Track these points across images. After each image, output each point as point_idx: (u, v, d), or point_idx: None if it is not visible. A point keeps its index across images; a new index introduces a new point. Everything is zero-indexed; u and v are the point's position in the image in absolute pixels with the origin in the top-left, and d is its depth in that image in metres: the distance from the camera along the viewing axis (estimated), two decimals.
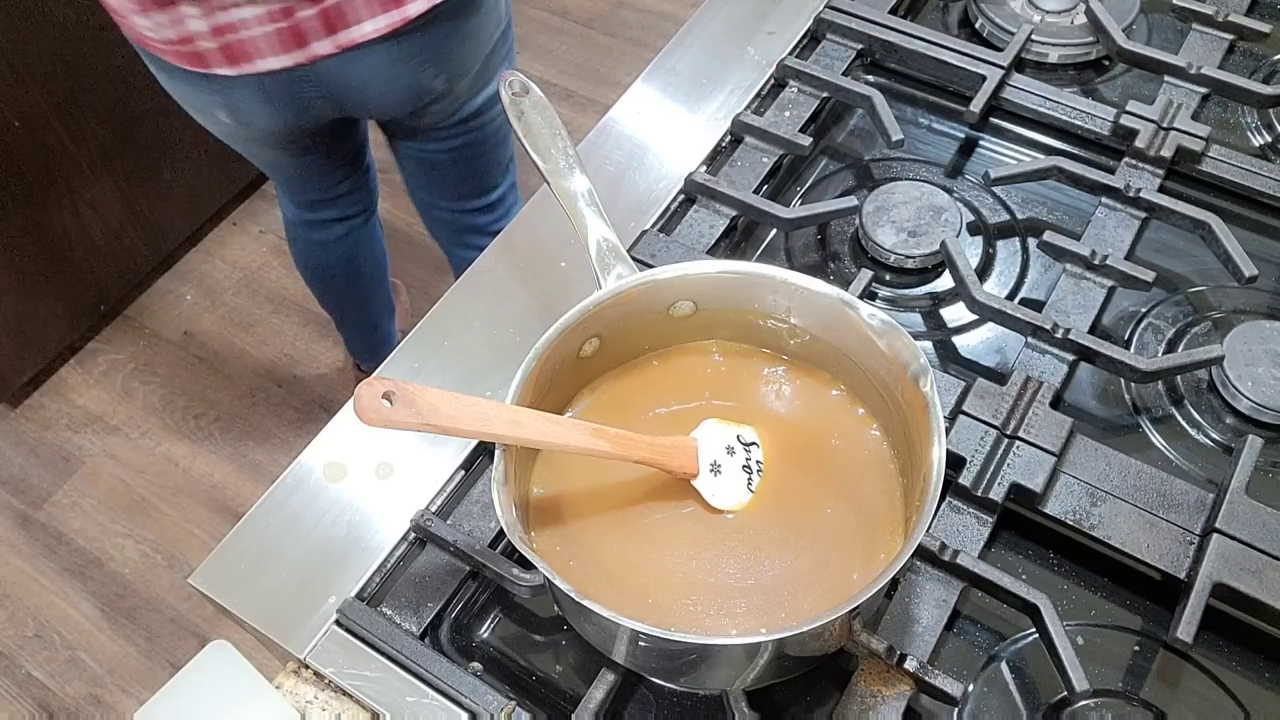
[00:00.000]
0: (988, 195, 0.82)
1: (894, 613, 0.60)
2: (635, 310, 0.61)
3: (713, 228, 0.78)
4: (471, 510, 0.66)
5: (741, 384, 0.63)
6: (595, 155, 0.82)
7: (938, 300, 0.77)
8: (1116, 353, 0.68)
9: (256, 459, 1.76)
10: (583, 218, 0.63)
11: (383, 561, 0.64)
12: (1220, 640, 0.61)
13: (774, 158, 0.82)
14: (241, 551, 0.64)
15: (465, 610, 0.64)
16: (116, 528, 1.70)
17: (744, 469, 0.59)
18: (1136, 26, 0.90)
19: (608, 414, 0.62)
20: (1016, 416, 0.65)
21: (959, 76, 0.86)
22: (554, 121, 0.67)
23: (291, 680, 0.60)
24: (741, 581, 0.55)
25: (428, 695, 0.58)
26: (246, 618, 0.62)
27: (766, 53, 0.89)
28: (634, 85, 0.88)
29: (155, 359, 1.89)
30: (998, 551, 0.65)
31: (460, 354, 0.72)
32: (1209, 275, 0.76)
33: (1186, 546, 0.61)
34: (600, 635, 0.56)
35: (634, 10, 2.37)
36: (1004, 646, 0.61)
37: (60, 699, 1.55)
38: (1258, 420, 0.68)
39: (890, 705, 0.57)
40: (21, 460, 1.78)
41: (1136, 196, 0.76)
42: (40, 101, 1.56)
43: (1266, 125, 0.85)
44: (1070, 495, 0.63)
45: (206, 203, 1.97)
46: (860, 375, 0.60)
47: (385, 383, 0.48)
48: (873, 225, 0.77)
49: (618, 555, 0.56)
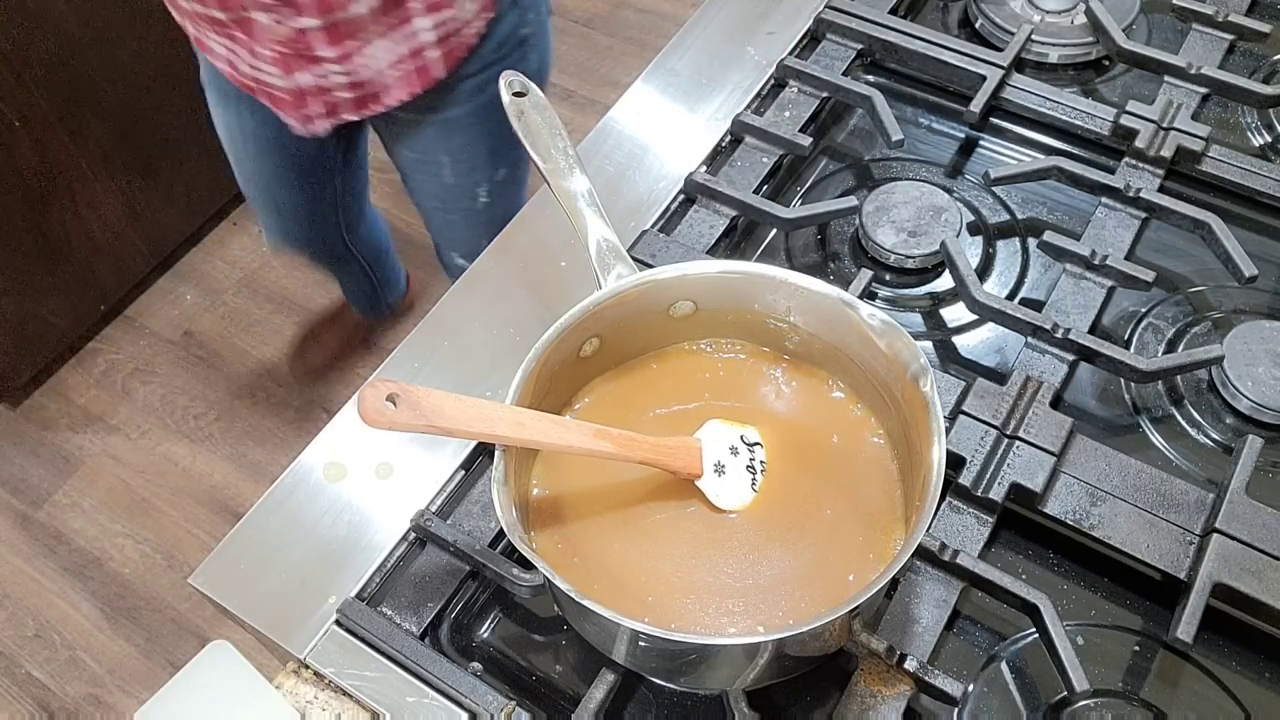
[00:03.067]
0: (988, 195, 0.82)
1: (894, 613, 0.60)
2: (635, 310, 0.61)
3: (713, 228, 0.78)
4: (471, 510, 0.66)
5: (741, 384, 0.63)
6: (595, 155, 0.82)
7: (938, 300, 0.77)
8: (1116, 353, 0.68)
9: (256, 459, 1.76)
10: (583, 218, 0.63)
11: (383, 561, 0.64)
12: (1220, 640, 0.61)
13: (774, 158, 0.82)
14: (241, 551, 0.64)
15: (465, 610, 0.64)
16: (116, 528, 1.70)
17: (748, 469, 0.59)
18: (1136, 26, 0.90)
19: (608, 414, 0.62)
20: (1016, 416, 0.65)
21: (959, 76, 0.86)
22: (554, 121, 0.67)
23: (291, 680, 0.60)
24: (741, 581, 0.55)
25: (428, 695, 0.58)
26: (246, 618, 0.62)
27: (766, 53, 0.89)
28: (634, 85, 0.88)
29: (155, 359, 1.89)
30: (998, 551, 0.65)
31: (460, 354, 0.72)
32: (1209, 275, 0.76)
33: (1186, 546, 0.61)
34: (600, 635, 0.56)
35: (634, 10, 2.37)
36: (1004, 646, 0.61)
37: (60, 699, 1.55)
38: (1258, 420, 0.68)
39: (890, 705, 0.57)
40: (21, 460, 1.78)
41: (1136, 196, 0.76)
42: (41, 102, 1.56)
43: (1266, 125, 0.85)
44: (1070, 495, 0.63)
45: (206, 203, 1.97)
46: (860, 375, 0.60)
47: (389, 385, 0.48)
48: (873, 225, 0.77)
49: (618, 555, 0.56)
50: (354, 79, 0.97)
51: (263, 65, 0.96)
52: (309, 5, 0.88)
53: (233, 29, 0.93)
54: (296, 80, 0.97)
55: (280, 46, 0.93)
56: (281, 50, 0.93)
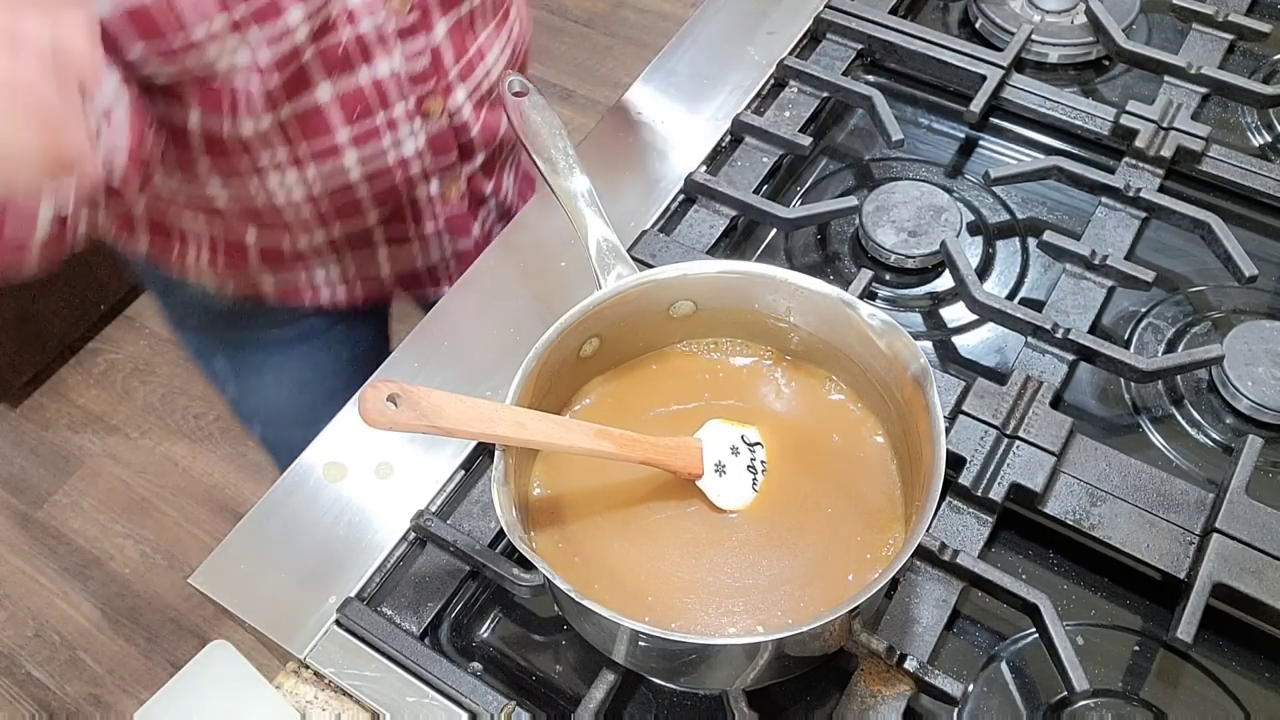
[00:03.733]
0: (988, 195, 0.82)
1: (894, 613, 0.60)
2: (635, 310, 0.61)
3: (713, 228, 0.78)
4: (471, 510, 0.66)
5: (741, 384, 0.63)
6: (595, 155, 0.82)
7: (938, 300, 0.77)
8: (1116, 353, 0.68)
9: (256, 459, 1.76)
10: (583, 218, 0.63)
11: (383, 561, 0.64)
12: (1220, 640, 0.61)
13: (774, 158, 0.82)
14: (241, 551, 0.64)
15: (465, 610, 0.64)
16: (116, 528, 1.70)
17: (749, 469, 0.59)
18: (1136, 26, 0.90)
19: (608, 414, 0.62)
20: (1016, 416, 0.65)
21: (959, 76, 0.86)
22: (554, 121, 0.67)
23: (291, 680, 0.60)
24: (741, 581, 0.55)
25: (428, 695, 0.58)
26: (246, 618, 0.62)
27: (766, 53, 0.89)
28: (634, 85, 0.88)
29: (155, 359, 1.89)
30: (998, 551, 0.65)
31: (460, 354, 0.72)
32: (1209, 275, 0.76)
33: (1186, 546, 0.61)
34: (600, 635, 0.56)
35: (634, 10, 2.37)
36: (1004, 646, 0.61)
37: (60, 699, 1.55)
38: (1258, 420, 0.68)
39: (890, 705, 0.57)
40: (21, 460, 1.78)
41: (1136, 196, 0.76)
42: None
43: (1266, 125, 0.85)
44: (1070, 495, 0.63)
45: None
46: (860, 375, 0.60)
47: (390, 385, 0.48)
48: (873, 225, 0.77)
49: (617, 555, 0.56)
50: (504, 207, 0.92)
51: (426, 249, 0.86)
52: (479, 139, 0.82)
53: (375, 233, 0.82)
54: (471, 239, 0.88)
55: (450, 211, 0.85)
56: (451, 216, 0.85)
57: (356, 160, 0.74)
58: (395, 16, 0.69)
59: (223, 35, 0.60)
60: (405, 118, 0.75)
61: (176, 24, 0.58)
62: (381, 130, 0.74)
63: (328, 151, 0.72)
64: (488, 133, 0.83)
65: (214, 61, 0.62)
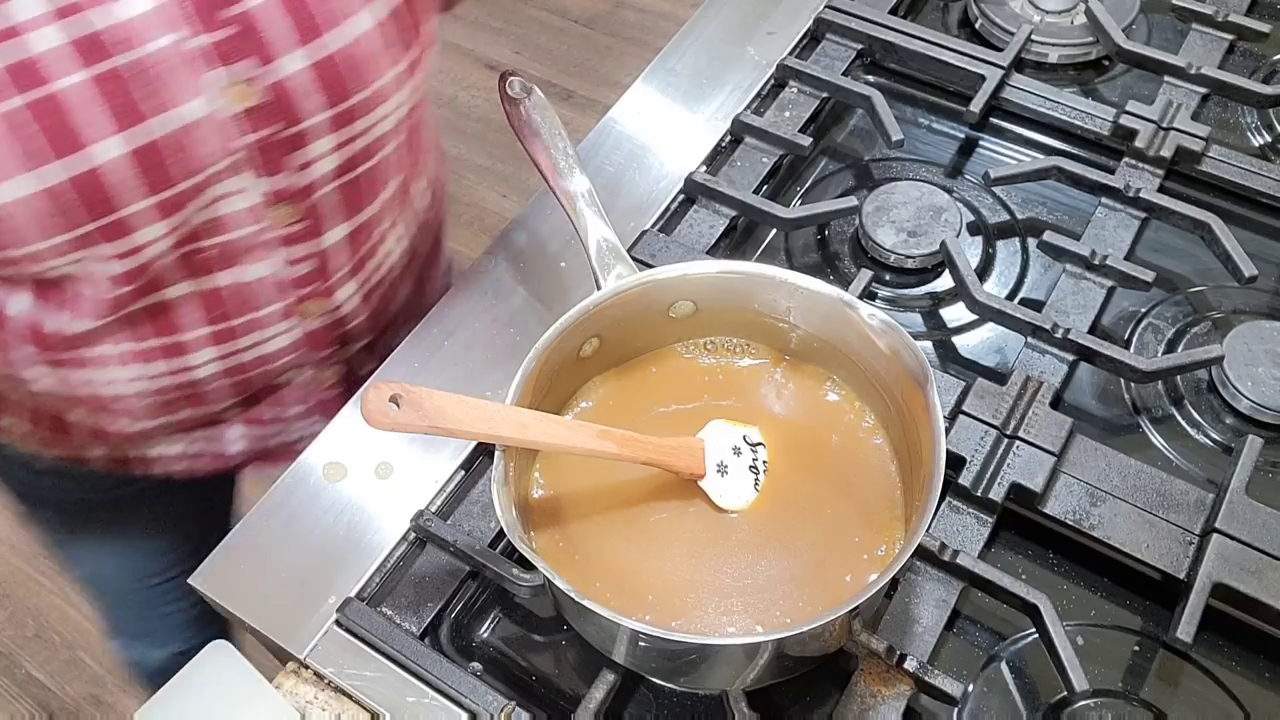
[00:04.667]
0: (988, 195, 0.82)
1: (894, 613, 0.60)
2: (635, 310, 0.61)
3: (713, 228, 0.78)
4: (471, 510, 0.66)
5: (741, 384, 0.63)
6: (595, 155, 0.82)
7: (938, 300, 0.77)
8: (1116, 353, 0.68)
9: None
10: (583, 218, 0.63)
11: (383, 561, 0.64)
12: (1220, 640, 0.61)
13: (774, 158, 0.82)
14: (241, 551, 0.64)
15: (465, 610, 0.64)
16: None
17: (751, 469, 0.59)
18: (1136, 26, 0.90)
19: (608, 414, 0.62)
20: (1016, 416, 0.65)
21: (959, 76, 0.86)
22: (554, 121, 0.67)
23: (291, 680, 0.60)
24: (741, 581, 0.55)
25: (428, 695, 0.58)
26: (246, 618, 0.62)
27: (766, 53, 0.89)
28: (634, 85, 0.88)
29: None
30: (998, 551, 0.65)
31: (460, 354, 0.72)
32: (1209, 275, 0.76)
33: (1186, 546, 0.61)
34: (600, 635, 0.56)
35: (634, 10, 2.37)
36: (1004, 646, 0.61)
37: (60, 699, 1.55)
38: (1258, 420, 0.68)
39: (890, 705, 0.57)
40: None
41: (1136, 196, 0.76)
42: None
43: (1266, 125, 0.85)
44: (1070, 495, 0.63)
45: None
46: (860, 375, 0.60)
47: (392, 386, 0.48)
48: (873, 225, 0.77)
49: (617, 555, 0.56)
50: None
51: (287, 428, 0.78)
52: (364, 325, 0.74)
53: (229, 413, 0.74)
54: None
55: (321, 396, 0.77)
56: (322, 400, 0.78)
57: (214, 356, 0.66)
58: (279, 225, 0.62)
59: (67, 249, 0.53)
60: (280, 316, 0.67)
61: (15, 239, 0.52)
62: (247, 329, 0.66)
63: (178, 348, 0.64)
64: (376, 318, 0.76)
65: (56, 269, 0.55)
